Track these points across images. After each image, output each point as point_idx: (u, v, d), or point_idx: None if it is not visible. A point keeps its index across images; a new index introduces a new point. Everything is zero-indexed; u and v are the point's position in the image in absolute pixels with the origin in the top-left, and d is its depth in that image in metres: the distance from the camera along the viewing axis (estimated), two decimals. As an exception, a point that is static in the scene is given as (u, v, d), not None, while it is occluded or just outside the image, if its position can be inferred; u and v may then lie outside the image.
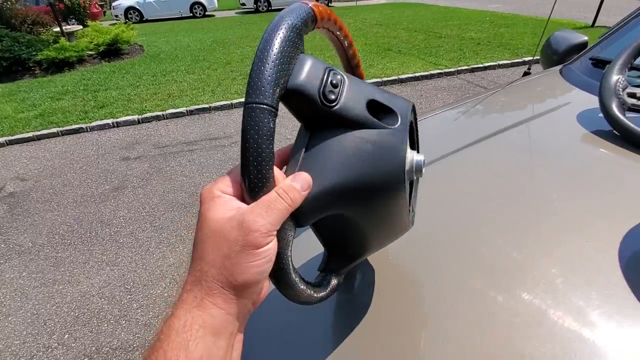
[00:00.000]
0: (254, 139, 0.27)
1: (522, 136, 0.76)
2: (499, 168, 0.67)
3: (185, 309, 0.27)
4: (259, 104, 0.28)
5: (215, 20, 12.37)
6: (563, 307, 0.42)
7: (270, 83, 0.28)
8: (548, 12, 8.80)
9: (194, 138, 3.72)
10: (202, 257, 0.28)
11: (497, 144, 0.74)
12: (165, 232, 2.39)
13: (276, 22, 0.30)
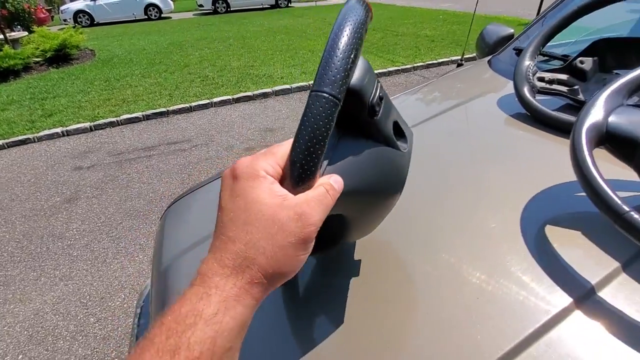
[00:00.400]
0: (313, 128, 0.27)
1: (448, 121, 0.81)
2: (427, 149, 0.72)
3: (221, 297, 0.25)
4: (326, 94, 0.27)
5: (172, 22, 12.00)
6: (472, 269, 0.46)
7: (341, 75, 0.28)
8: (497, 10, 9.32)
9: (152, 143, 3.60)
10: (249, 241, 0.26)
11: (427, 128, 0.79)
12: (123, 241, 2.30)
13: (347, 15, 0.30)
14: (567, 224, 0.51)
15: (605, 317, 0.39)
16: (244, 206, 0.27)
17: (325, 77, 0.27)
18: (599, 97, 0.48)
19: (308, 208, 0.27)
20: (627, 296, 0.41)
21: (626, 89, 0.49)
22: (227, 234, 0.27)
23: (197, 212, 0.83)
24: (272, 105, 4.37)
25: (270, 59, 6.15)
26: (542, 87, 0.77)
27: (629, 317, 0.39)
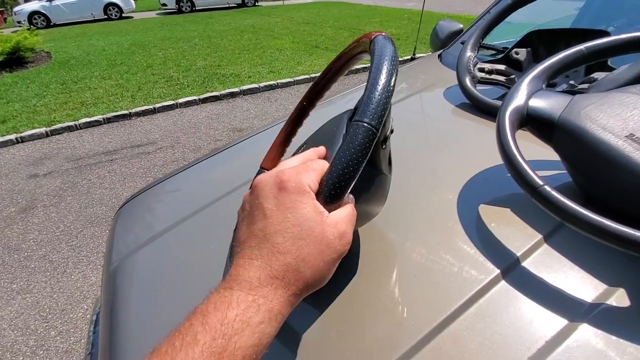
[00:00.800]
0: (352, 153, 0.30)
1: (399, 112, 0.84)
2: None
3: (268, 307, 0.26)
4: (366, 124, 0.30)
5: (134, 21, 11.56)
6: (411, 248, 0.48)
7: (383, 110, 0.31)
8: (458, 9, 9.65)
9: (114, 147, 3.46)
10: (300, 256, 0.27)
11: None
12: (85, 250, 2.20)
13: (384, 53, 0.34)
14: (498, 203, 0.54)
15: (528, 286, 0.42)
16: (295, 221, 0.28)
17: (367, 109, 0.31)
18: (521, 83, 0.52)
19: (345, 226, 0.30)
20: (547, 264, 0.44)
21: (545, 74, 0.53)
22: (277, 245, 0.28)
23: (148, 212, 0.82)
24: (240, 105, 4.32)
25: (237, 59, 6.06)
26: (482, 77, 0.81)
27: (550, 284, 0.42)
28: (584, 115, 0.46)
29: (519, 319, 0.39)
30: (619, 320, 0.37)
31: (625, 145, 0.41)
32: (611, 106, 0.45)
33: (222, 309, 0.25)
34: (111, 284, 0.66)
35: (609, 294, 0.40)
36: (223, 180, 0.78)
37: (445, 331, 0.39)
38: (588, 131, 0.44)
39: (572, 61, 0.53)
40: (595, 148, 0.43)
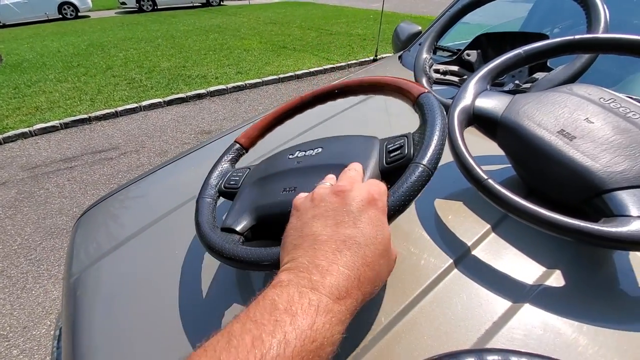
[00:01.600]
0: (414, 190, 0.36)
1: (362, 110, 0.87)
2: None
3: (348, 319, 0.28)
4: (426, 166, 0.37)
5: (91, 21, 11.00)
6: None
7: (439, 155, 0.38)
8: (421, 11, 9.94)
9: (73, 153, 3.29)
10: (379, 274, 0.31)
11: (342, 117, 0.84)
12: (45, 263, 2.09)
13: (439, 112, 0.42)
14: (452, 196, 0.58)
15: (478, 272, 0.46)
16: (382, 239, 0.31)
17: (433, 153, 0.38)
18: (468, 85, 0.56)
19: (395, 250, 0.36)
20: (495, 252, 0.48)
21: (489, 76, 0.57)
22: (366, 258, 0.30)
23: (109, 221, 0.80)
24: (208, 107, 4.23)
25: (203, 59, 5.93)
26: (437, 78, 0.85)
27: (497, 269, 0.46)
28: (522, 113, 0.50)
29: (470, 304, 0.42)
30: (556, 299, 0.42)
31: (557, 140, 0.46)
32: (545, 105, 0.50)
33: (311, 314, 0.25)
34: (72, 297, 0.64)
35: (548, 276, 0.44)
36: (187, 185, 0.77)
37: (404, 319, 0.42)
38: (526, 128, 0.49)
39: (512, 63, 0.57)
40: (532, 143, 0.48)
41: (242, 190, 0.51)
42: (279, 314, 0.25)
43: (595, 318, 0.39)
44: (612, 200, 0.41)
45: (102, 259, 0.66)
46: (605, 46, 0.53)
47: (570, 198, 0.45)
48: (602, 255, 0.46)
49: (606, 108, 0.47)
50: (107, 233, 0.74)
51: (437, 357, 0.35)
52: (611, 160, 0.42)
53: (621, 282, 0.43)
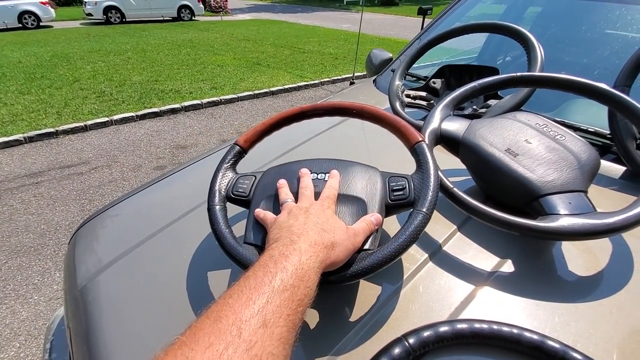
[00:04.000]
0: (416, 233, 0.45)
1: (342, 130, 0.97)
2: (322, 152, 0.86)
3: (320, 262, 0.39)
4: (427, 214, 0.47)
5: (54, 31, 10.61)
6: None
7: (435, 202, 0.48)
8: (388, 33, 10.45)
9: (39, 168, 3.17)
10: (335, 240, 0.43)
11: (324, 136, 0.94)
12: (11, 283, 2.00)
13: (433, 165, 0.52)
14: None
15: (448, 264, 0.56)
16: (340, 226, 0.46)
17: (428, 202, 0.48)
18: (435, 111, 0.68)
19: (360, 232, 0.47)
20: (460, 247, 0.59)
21: (452, 104, 0.70)
22: (325, 234, 0.43)
23: (109, 232, 0.84)
24: (183, 121, 4.22)
25: (176, 74, 5.91)
26: (408, 102, 0.98)
27: (462, 261, 0.56)
28: (478, 135, 0.62)
29: (442, 289, 0.53)
30: (508, 281, 0.53)
31: (504, 157, 0.58)
32: (496, 128, 0.63)
33: (297, 254, 0.38)
34: (80, 304, 0.67)
35: (501, 264, 0.55)
36: (188, 194, 0.83)
37: (392, 300, 0.51)
38: (481, 147, 0.61)
39: (469, 94, 0.70)
40: (485, 159, 0.60)
41: (257, 205, 0.55)
42: (276, 258, 0.37)
43: (537, 293, 0.50)
44: (545, 203, 0.53)
45: (109, 267, 0.70)
46: (539, 82, 0.67)
47: (516, 202, 0.58)
48: (542, 246, 0.58)
49: (540, 132, 0.60)
50: (108, 244, 0.78)
51: (420, 328, 0.44)
52: (544, 172, 0.55)
53: (556, 265, 0.55)
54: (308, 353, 0.47)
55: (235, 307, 0.30)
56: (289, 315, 0.32)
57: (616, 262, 0.54)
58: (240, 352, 0.27)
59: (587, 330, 0.46)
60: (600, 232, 0.47)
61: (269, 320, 0.30)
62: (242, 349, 0.27)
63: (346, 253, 0.44)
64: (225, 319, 0.29)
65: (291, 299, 0.33)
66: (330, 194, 0.51)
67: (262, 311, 0.30)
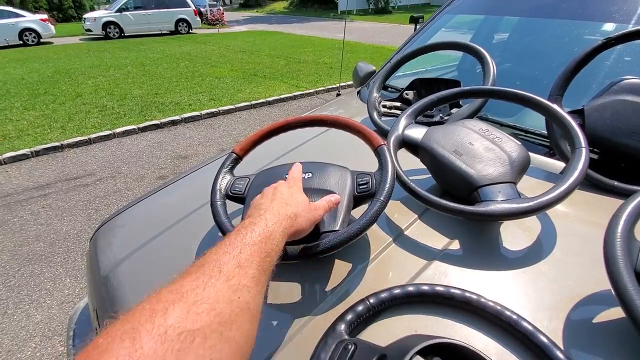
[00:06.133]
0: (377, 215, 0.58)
1: (325, 139, 1.10)
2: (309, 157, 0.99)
3: (283, 229, 0.47)
4: (384, 201, 0.60)
5: (55, 47, 10.85)
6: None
7: (391, 192, 0.62)
8: (381, 41, 10.66)
9: (46, 181, 3.30)
10: (299, 212, 0.52)
11: (310, 144, 1.07)
12: (25, 289, 2.12)
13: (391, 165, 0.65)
14: (393, 197, 0.81)
15: (408, 244, 0.69)
16: (302, 200, 0.56)
17: (384, 192, 0.60)
18: (399, 120, 0.81)
19: (320, 207, 0.57)
20: (420, 232, 0.72)
21: (414, 114, 0.83)
22: (288, 207, 0.51)
23: (127, 229, 0.96)
24: (183, 133, 4.37)
25: (175, 86, 6.08)
26: (385, 112, 1.11)
27: (419, 242, 0.69)
28: (433, 139, 0.76)
29: (402, 264, 0.65)
30: (455, 257, 0.65)
31: (452, 156, 0.71)
32: (447, 133, 0.76)
33: (264, 221, 0.45)
34: (104, 289, 0.80)
35: (450, 244, 0.68)
36: (194, 196, 0.96)
37: (358, 277, 0.64)
38: (434, 149, 0.74)
39: (428, 105, 0.84)
40: (438, 159, 0.73)
41: (250, 199, 0.67)
42: (246, 225, 0.44)
43: (477, 264, 0.63)
44: (482, 192, 0.66)
45: (128, 258, 0.83)
46: (485, 94, 0.81)
47: (461, 193, 0.71)
48: (483, 227, 0.71)
49: (482, 135, 0.74)
50: (127, 238, 0.91)
51: (379, 291, 0.57)
52: (481, 168, 0.68)
53: (493, 242, 0.68)
54: (291, 315, 0.59)
55: (214, 257, 0.37)
56: (259, 262, 0.39)
57: (543, 239, 0.67)
58: (221, 282, 0.34)
59: (513, 290, 0.59)
60: (519, 213, 0.60)
61: (243, 264, 0.37)
62: (222, 280, 0.34)
63: (308, 223, 0.53)
64: (207, 264, 0.36)
65: (260, 251, 0.40)
66: (295, 175, 0.62)
67: (236, 257, 0.38)
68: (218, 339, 0.29)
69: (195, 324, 0.29)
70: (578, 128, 0.68)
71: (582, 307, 0.56)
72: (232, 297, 0.33)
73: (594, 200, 0.75)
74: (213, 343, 0.29)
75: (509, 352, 0.50)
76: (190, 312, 0.29)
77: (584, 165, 0.63)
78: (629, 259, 0.47)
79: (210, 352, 0.28)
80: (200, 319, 0.29)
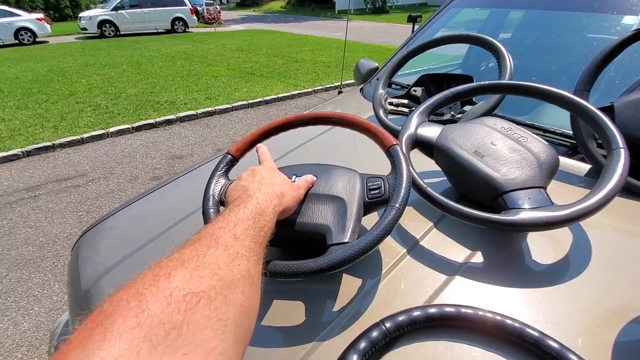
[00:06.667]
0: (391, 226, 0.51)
1: (329, 136, 1.03)
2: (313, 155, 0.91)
3: (274, 207, 0.47)
4: (400, 209, 0.53)
5: (50, 46, 10.70)
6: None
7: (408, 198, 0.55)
8: (378, 41, 10.60)
9: (37, 182, 3.20)
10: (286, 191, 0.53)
11: (315, 142, 1.00)
12: (12, 295, 2.03)
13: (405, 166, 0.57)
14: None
15: (424, 257, 0.61)
16: (286, 180, 0.56)
17: (401, 198, 0.53)
18: (411, 118, 0.74)
19: (302, 188, 0.58)
20: (437, 242, 0.64)
21: (427, 111, 0.76)
22: (275, 187, 0.51)
23: (113, 237, 0.89)
24: (178, 132, 4.28)
25: (171, 85, 5.98)
26: (391, 109, 1.04)
27: (437, 254, 0.62)
28: (449, 139, 0.68)
29: (418, 279, 0.58)
30: (477, 271, 0.58)
31: (472, 158, 0.64)
32: (465, 132, 0.68)
33: (254, 202, 0.45)
34: (84, 305, 0.72)
35: (472, 255, 0.60)
36: (185, 200, 0.88)
37: (370, 294, 0.56)
38: (452, 150, 0.66)
39: (442, 102, 0.76)
40: (456, 160, 0.65)
41: None
42: (238, 204, 0.44)
43: (503, 280, 0.55)
44: (508, 198, 0.58)
45: (110, 271, 0.75)
46: (504, 90, 0.73)
47: (484, 199, 0.63)
48: (509, 237, 0.63)
49: (505, 134, 0.66)
50: (111, 248, 0.83)
51: (395, 313, 0.49)
52: (507, 171, 0.61)
53: (521, 255, 0.61)
54: (296, 339, 0.51)
55: (210, 230, 0.38)
56: (254, 236, 0.40)
57: (576, 251, 0.60)
58: (220, 251, 0.34)
59: (546, 311, 0.51)
60: (553, 223, 0.53)
61: (239, 236, 0.38)
62: (221, 249, 0.34)
63: (294, 201, 0.54)
64: (204, 237, 0.36)
65: (254, 226, 0.41)
66: (267, 157, 0.62)
67: (232, 231, 0.38)
68: (223, 301, 0.29)
69: (199, 287, 0.29)
70: (614, 127, 0.61)
71: (623, 328, 0.48)
72: (232, 264, 0.33)
73: (630, 207, 0.68)
74: (218, 305, 0.28)
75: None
76: (194, 276, 0.29)
77: (625, 168, 0.56)
78: None
79: (217, 312, 0.28)
80: (204, 282, 0.29)
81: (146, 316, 0.25)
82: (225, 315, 0.28)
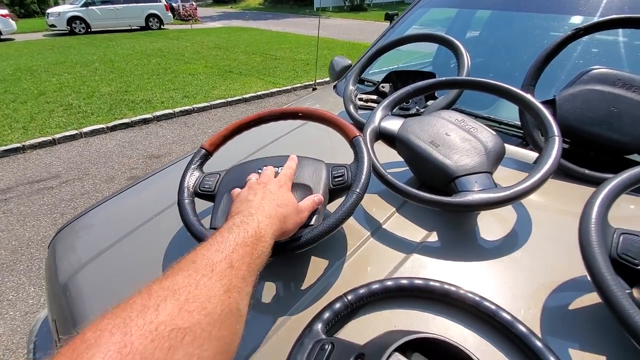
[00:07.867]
0: (350, 210, 0.55)
1: (302, 132, 1.07)
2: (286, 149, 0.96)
3: (274, 232, 0.46)
4: (360, 193, 0.58)
5: (16, 44, 10.22)
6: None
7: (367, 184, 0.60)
8: (357, 38, 10.70)
9: (6, 185, 3.10)
10: (288, 214, 0.51)
11: (288, 136, 1.04)
12: (-17, 300, 1.97)
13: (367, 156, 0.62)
14: (370, 190, 0.79)
15: (386, 239, 0.67)
16: (292, 202, 0.54)
17: (360, 184, 0.58)
18: (376, 111, 0.79)
19: (305, 210, 0.56)
20: (399, 225, 0.70)
21: (390, 105, 0.81)
22: (279, 209, 0.50)
23: (90, 232, 0.90)
24: (155, 131, 4.22)
25: (146, 84, 5.86)
26: (361, 104, 1.10)
27: (397, 235, 0.67)
28: (409, 131, 0.74)
29: (380, 258, 0.63)
30: (433, 249, 0.64)
31: (429, 147, 0.70)
32: (423, 125, 0.75)
33: (255, 222, 0.45)
34: (64, 299, 0.74)
35: (428, 236, 0.67)
36: (161, 195, 0.91)
37: (335, 273, 0.61)
38: (411, 140, 0.72)
39: (405, 97, 0.82)
40: (415, 150, 0.71)
41: (221, 196, 0.64)
42: (238, 224, 0.44)
43: (455, 257, 0.62)
44: (459, 183, 0.65)
45: (88, 264, 0.77)
46: (460, 85, 0.80)
47: (439, 184, 0.70)
48: (461, 218, 0.70)
49: (458, 125, 0.73)
50: (88, 243, 0.84)
51: (357, 287, 0.54)
52: (458, 158, 0.67)
53: (471, 233, 0.67)
54: (268, 315, 0.56)
55: (207, 254, 0.37)
56: (250, 263, 0.39)
57: (519, 228, 0.67)
58: (213, 281, 0.34)
59: (490, 280, 0.58)
60: (496, 202, 0.59)
61: (234, 264, 0.37)
62: (214, 279, 0.34)
63: (294, 226, 0.53)
64: (199, 261, 0.36)
65: (251, 252, 0.40)
66: (288, 172, 0.61)
67: (229, 257, 0.37)
68: (207, 337, 0.30)
69: (186, 322, 0.29)
70: (551, 117, 0.68)
71: (558, 294, 0.55)
72: (223, 297, 0.34)
73: (567, 188, 0.76)
74: (202, 342, 0.29)
75: (488, 343, 0.49)
76: (182, 310, 0.30)
77: (558, 153, 0.63)
78: (603, 244, 0.47)
79: (199, 350, 0.28)
80: (192, 318, 0.30)
81: (128, 352, 0.25)
82: (207, 352, 0.29)
